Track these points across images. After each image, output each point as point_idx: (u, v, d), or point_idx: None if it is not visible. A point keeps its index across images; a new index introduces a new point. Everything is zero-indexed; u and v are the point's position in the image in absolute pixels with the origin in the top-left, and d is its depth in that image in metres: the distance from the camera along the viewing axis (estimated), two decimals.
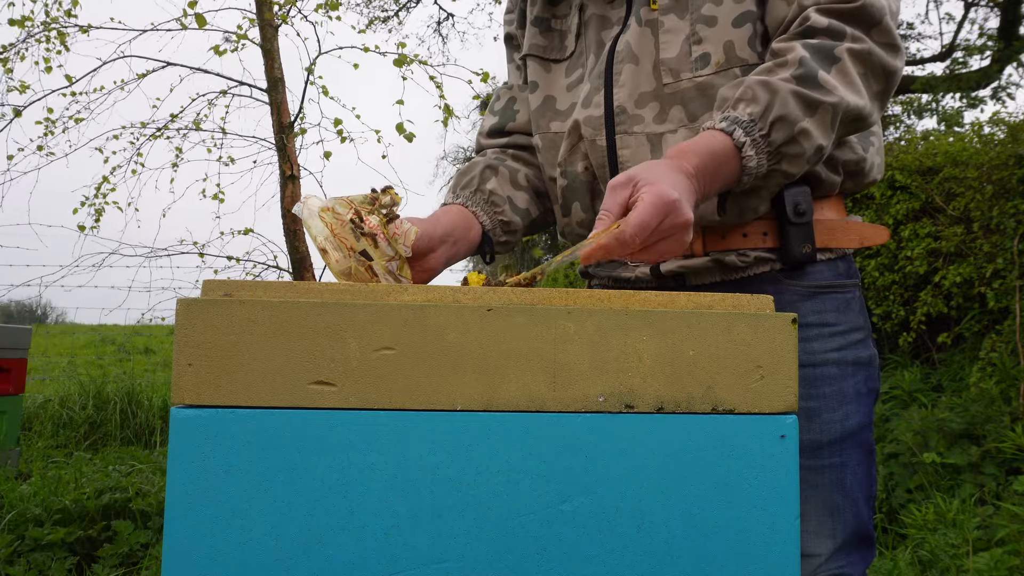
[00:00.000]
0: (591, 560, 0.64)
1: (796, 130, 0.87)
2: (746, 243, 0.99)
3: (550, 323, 0.66)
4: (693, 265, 1.01)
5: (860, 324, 1.02)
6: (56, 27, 4.60)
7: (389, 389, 0.64)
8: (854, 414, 0.98)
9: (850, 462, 0.98)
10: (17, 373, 3.88)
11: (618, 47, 1.02)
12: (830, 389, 0.97)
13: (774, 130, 0.87)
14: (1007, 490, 2.91)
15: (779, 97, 0.86)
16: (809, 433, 0.96)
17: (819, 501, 0.96)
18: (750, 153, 0.87)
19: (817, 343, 0.98)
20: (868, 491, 1.00)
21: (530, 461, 0.65)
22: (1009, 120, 4.49)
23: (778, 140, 0.87)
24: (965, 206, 3.97)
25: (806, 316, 0.98)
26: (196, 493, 0.62)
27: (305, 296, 0.67)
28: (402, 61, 4.44)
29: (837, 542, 0.97)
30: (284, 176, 4.55)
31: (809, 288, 0.99)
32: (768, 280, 1.00)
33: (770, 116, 0.87)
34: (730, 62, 0.96)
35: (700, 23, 0.97)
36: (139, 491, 2.91)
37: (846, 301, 1.01)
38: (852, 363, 0.99)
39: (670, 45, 0.99)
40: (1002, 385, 3.52)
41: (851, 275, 1.03)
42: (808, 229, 0.97)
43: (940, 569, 2.42)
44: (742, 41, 0.96)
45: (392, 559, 0.63)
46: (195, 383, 0.63)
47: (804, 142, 0.88)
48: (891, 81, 0.93)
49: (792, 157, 0.89)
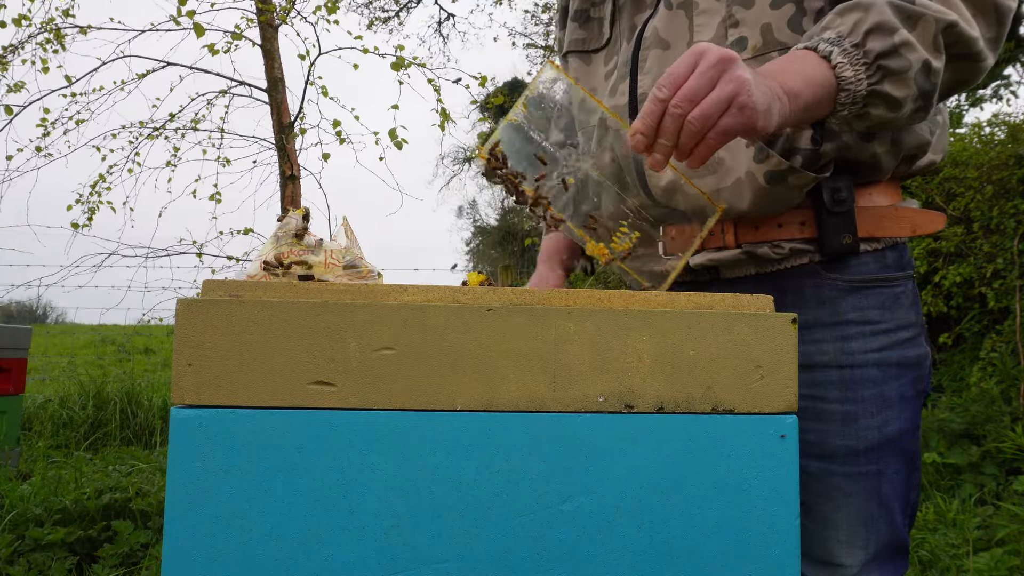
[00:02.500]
0: (591, 560, 0.64)
1: (897, 40, 0.77)
2: (781, 234, 0.93)
3: (550, 323, 0.66)
4: (724, 258, 0.95)
5: (910, 321, 0.94)
6: (54, 27, 4.60)
7: (389, 389, 0.64)
8: (895, 420, 0.91)
9: (888, 470, 0.91)
10: (17, 373, 3.87)
11: (646, 33, 0.98)
12: (869, 392, 0.91)
13: (869, 39, 0.78)
14: (1007, 490, 2.91)
15: (874, 9, 0.78)
16: (845, 439, 0.91)
17: (853, 511, 0.91)
18: (841, 61, 0.77)
19: (857, 342, 0.91)
20: (906, 500, 0.94)
21: (530, 461, 0.65)
22: (1009, 120, 4.49)
23: (876, 49, 0.77)
24: (965, 206, 3.97)
25: (846, 313, 0.91)
26: (196, 493, 0.62)
27: (305, 296, 0.67)
28: (399, 64, 4.42)
29: (869, 553, 0.91)
30: (284, 176, 4.55)
31: (851, 282, 0.92)
32: (806, 273, 0.93)
33: (863, 27, 0.78)
34: (767, 46, 0.90)
35: (736, 4, 0.91)
36: (139, 491, 2.91)
37: (894, 296, 0.93)
38: (896, 364, 0.92)
39: (705, 27, 0.93)
40: (1002, 385, 3.52)
41: (902, 267, 0.95)
42: (848, 218, 0.90)
43: (940, 569, 2.42)
44: (781, 23, 0.90)
45: (392, 559, 0.63)
46: (195, 383, 0.63)
47: (909, 54, 0.78)
48: (1003, 24, 0.83)
49: (896, 74, 0.78)
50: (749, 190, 0.90)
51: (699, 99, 0.71)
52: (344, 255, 0.90)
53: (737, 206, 0.92)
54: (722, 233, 0.96)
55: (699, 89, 0.71)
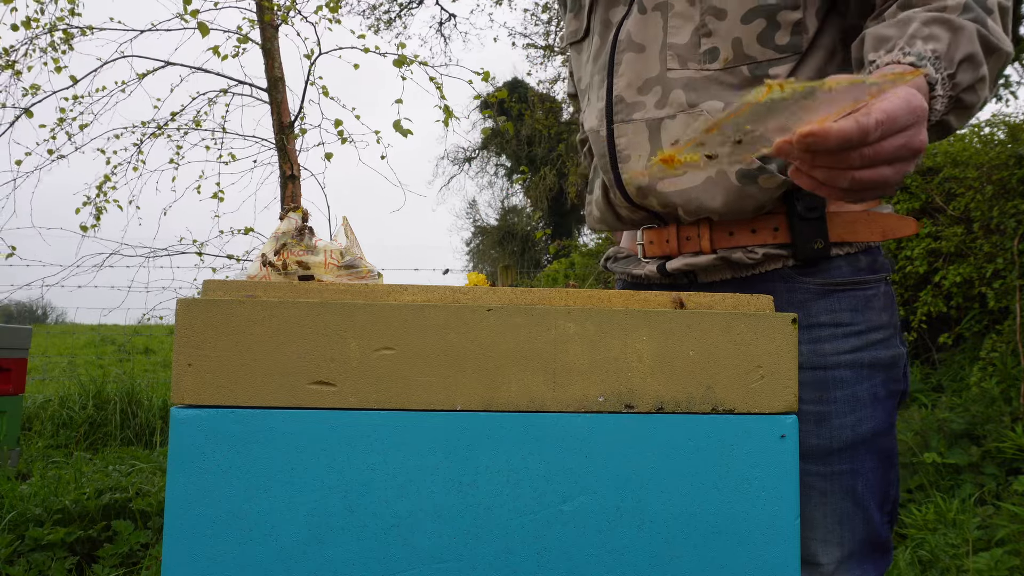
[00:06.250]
0: (591, 560, 0.64)
1: (979, 75, 0.76)
2: (755, 239, 0.95)
3: (550, 323, 0.66)
4: (700, 263, 0.97)
5: (882, 323, 0.95)
6: (63, 27, 4.61)
7: (389, 389, 0.64)
8: (868, 419, 0.93)
9: (862, 468, 0.93)
10: (17, 373, 3.87)
11: (620, 36, 1.00)
12: (842, 393, 0.93)
13: (960, 71, 0.75)
14: (1007, 490, 2.91)
15: (964, 34, 0.75)
16: (819, 439, 0.92)
17: (829, 509, 0.92)
18: (940, 93, 0.74)
19: (829, 344, 0.93)
20: (883, 496, 0.95)
21: (530, 461, 0.65)
22: (1009, 120, 4.49)
23: (963, 83, 0.76)
24: (965, 206, 3.97)
25: (818, 316, 0.93)
26: (196, 493, 0.62)
27: (305, 296, 0.67)
28: (401, 62, 4.44)
29: (845, 551, 0.93)
30: (284, 176, 4.55)
31: (824, 286, 0.94)
32: (780, 277, 0.95)
33: (956, 54, 0.75)
34: (737, 59, 0.92)
35: (709, 14, 0.93)
36: (139, 491, 2.91)
37: (866, 299, 0.95)
38: (869, 365, 0.94)
39: (679, 31, 0.95)
40: (1002, 385, 3.52)
41: (875, 270, 0.97)
42: (820, 224, 0.92)
43: (940, 569, 2.42)
44: (751, 38, 0.92)
45: (392, 559, 0.63)
46: (195, 383, 0.63)
47: (981, 91, 0.77)
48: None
49: (964, 109, 0.77)
50: (721, 189, 0.92)
51: (880, 158, 0.64)
52: (344, 255, 0.91)
53: (709, 204, 0.94)
54: (698, 239, 0.98)
55: (890, 154, 0.64)
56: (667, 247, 1.01)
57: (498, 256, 18.45)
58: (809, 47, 0.93)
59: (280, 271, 0.86)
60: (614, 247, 1.18)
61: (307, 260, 0.88)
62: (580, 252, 8.30)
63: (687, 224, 0.99)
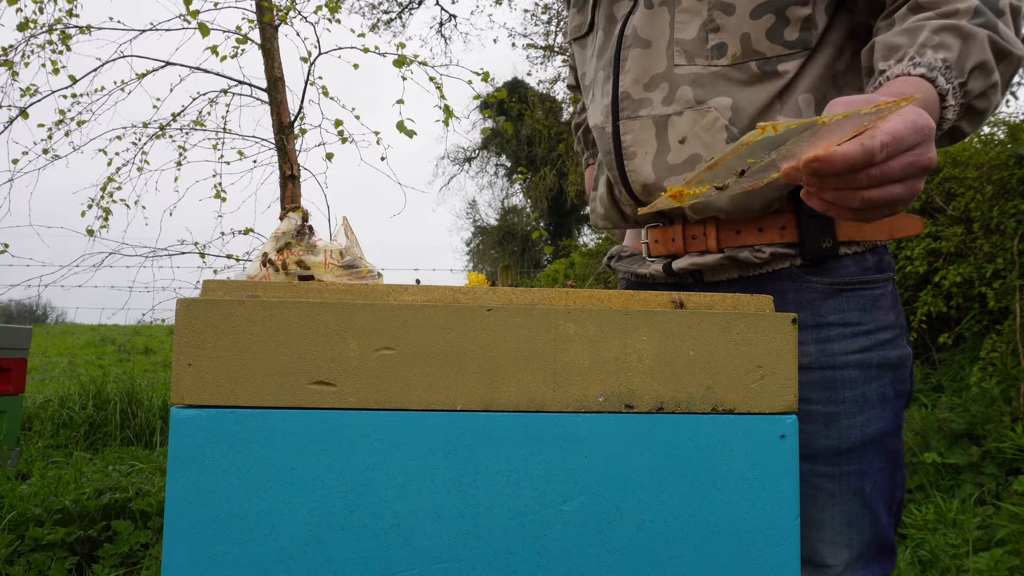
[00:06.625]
0: (591, 560, 0.64)
1: (992, 81, 0.76)
2: (762, 238, 0.94)
3: (550, 323, 0.66)
4: (707, 262, 0.96)
5: (890, 322, 0.95)
6: (60, 27, 4.61)
7: (389, 389, 0.64)
8: (876, 420, 0.92)
9: (870, 469, 0.93)
10: (17, 373, 3.87)
11: (626, 31, 0.99)
12: (850, 393, 0.92)
13: (972, 78, 0.75)
14: (1007, 490, 2.91)
15: (975, 42, 0.75)
16: (827, 439, 0.91)
17: (837, 510, 0.92)
18: (951, 103, 0.75)
19: (838, 344, 0.92)
20: (890, 498, 0.95)
21: (530, 461, 0.65)
22: (1009, 120, 4.49)
23: (975, 90, 0.76)
24: (965, 206, 3.97)
25: (826, 315, 0.93)
26: (196, 493, 0.62)
27: (305, 296, 0.67)
28: (401, 62, 4.44)
29: (854, 553, 0.92)
30: (284, 176, 4.55)
31: (832, 285, 0.93)
32: (787, 277, 0.94)
33: (967, 63, 0.75)
34: (745, 55, 0.91)
35: (717, 9, 0.92)
36: (139, 491, 2.91)
37: (874, 298, 0.94)
38: (877, 365, 0.93)
39: (686, 26, 0.94)
40: (1002, 385, 3.52)
41: (882, 269, 0.96)
42: (828, 223, 0.91)
43: (940, 569, 2.42)
44: (759, 33, 0.91)
45: (392, 559, 0.63)
46: (195, 383, 0.63)
47: (993, 97, 0.77)
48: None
49: (976, 115, 0.78)
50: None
51: (888, 178, 0.64)
52: (344, 255, 0.91)
53: (716, 202, 0.93)
54: (704, 237, 0.97)
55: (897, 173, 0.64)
56: (672, 246, 1.00)
57: (498, 256, 18.44)
58: (818, 43, 0.93)
59: (280, 271, 0.86)
60: (617, 246, 1.18)
61: (307, 260, 0.88)
62: (580, 252, 8.31)
63: (693, 222, 0.98)
